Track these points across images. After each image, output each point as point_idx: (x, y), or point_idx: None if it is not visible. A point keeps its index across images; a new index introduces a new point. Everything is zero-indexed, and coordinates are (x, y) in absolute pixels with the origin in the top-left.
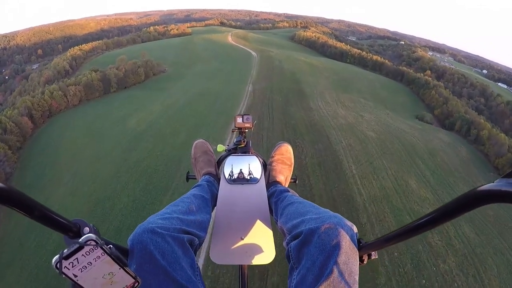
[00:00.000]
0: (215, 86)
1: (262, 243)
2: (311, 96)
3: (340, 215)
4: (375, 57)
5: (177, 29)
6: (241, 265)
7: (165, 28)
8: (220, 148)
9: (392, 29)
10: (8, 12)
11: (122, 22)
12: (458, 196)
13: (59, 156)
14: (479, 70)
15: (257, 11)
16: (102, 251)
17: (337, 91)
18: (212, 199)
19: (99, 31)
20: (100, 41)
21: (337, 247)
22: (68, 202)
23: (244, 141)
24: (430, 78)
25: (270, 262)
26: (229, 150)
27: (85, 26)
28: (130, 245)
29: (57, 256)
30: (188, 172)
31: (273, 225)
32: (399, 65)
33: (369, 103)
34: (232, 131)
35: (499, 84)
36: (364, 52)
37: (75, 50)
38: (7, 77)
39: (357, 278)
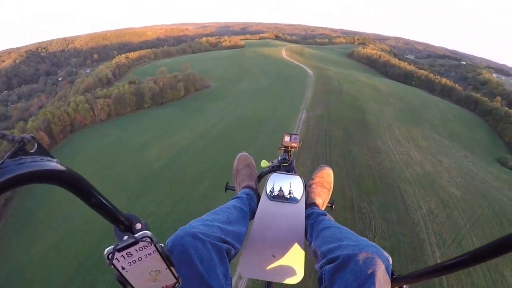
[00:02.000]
0: (262, 109)
1: (292, 263)
2: (377, 131)
3: (377, 245)
4: (443, 80)
5: (229, 41)
6: (268, 281)
7: (218, 40)
8: (264, 164)
9: (450, 47)
10: (70, 16)
11: (178, 32)
12: (497, 240)
13: (54, 192)
14: None
15: (313, 26)
16: (154, 248)
17: (406, 124)
18: (250, 213)
19: (155, 39)
20: (148, 50)
21: (372, 276)
22: (48, 260)
23: (288, 160)
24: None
25: (298, 283)
26: (272, 167)
27: (142, 34)
28: (170, 245)
29: (110, 247)
30: (228, 183)
31: (306, 247)
32: (466, 89)
33: (444, 141)
34: (278, 149)
35: None
36: (431, 74)
37: (121, 58)
38: (60, 79)
39: None
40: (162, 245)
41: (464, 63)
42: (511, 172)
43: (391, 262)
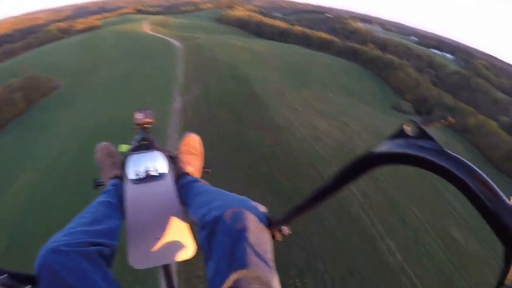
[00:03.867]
0: (124, 106)
1: (180, 239)
2: (269, 102)
3: (245, 197)
4: (320, 34)
5: (82, 23)
6: (164, 265)
7: (70, 24)
8: (123, 148)
9: (314, 3)
10: None
11: (27, 22)
12: (354, 160)
13: None
14: (410, 38)
15: None
16: None
17: (297, 87)
18: (120, 204)
19: (4, 35)
20: None
21: (244, 230)
22: None
23: (147, 138)
24: (394, 57)
25: (193, 256)
26: (132, 149)
27: None
28: (36, 270)
29: None
30: (96, 179)
31: (187, 219)
32: (334, 38)
33: (341, 99)
34: (133, 130)
35: (434, 51)
36: (307, 30)
37: None
38: None
39: (270, 256)
40: (4, 276)
41: (330, 15)
42: (408, 117)
43: (262, 210)
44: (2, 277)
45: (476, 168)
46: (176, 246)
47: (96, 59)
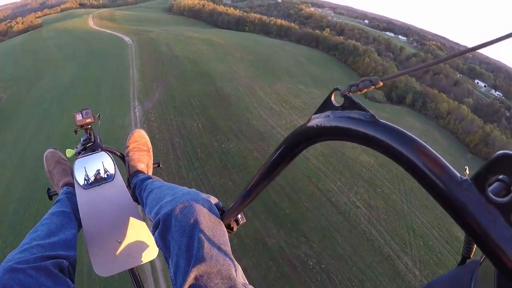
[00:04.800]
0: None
1: (141, 240)
2: (242, 103)
3: (195, 190)
4: (278, 21)
5: (22, 23)
6: (130, 269)
7: (8, 25)
8: (69, 153)
9: None
10: None
11: None
12: (285, 139)
13: None
14: (362, 21)
15: None
16: None
17: (267, 81)
18: (74, 212)
19: None
20: None
21: (196, 223)
22: None
23: (91, 139)
24: (358, 43)
25: (156, 256)
26: (78, 153)
27: None
28: None
29: None
30: (49, 189)
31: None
32: (293, 25)
33: (313, 91)
34: (75, 132)
35: (387, 33)
36: (264, 17)
37: None
38: None
39: (228, 248)
40: None
41: (280, 1)
42: (382, 106)
43: (214, 201)
44: None
45: (416, 138)
46: (139, 248)
47: (38, 64)
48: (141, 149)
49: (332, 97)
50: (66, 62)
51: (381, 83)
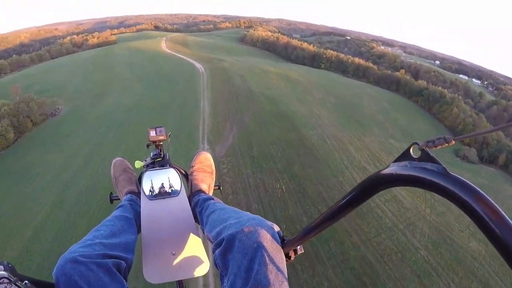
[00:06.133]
0: (134, 156)
1: (194, 255)
2: (331, 159)
3: (259, 216)
4: (356, 60)
5: (97, 38)
6: (178, 281)
7: (84, 38)
8: (138, 164)
9: (329, 24)
10: None
11: (45, 33)
12: (360, 183)
13: None
14: (433, 62)
15: (194, 14)
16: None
17: (355, 131)
18: (136, 218)
19: (18, 46)
20: None
21: (259, 248)
22: None
23: (161, 155)
24: (446, 90)
25: (206, 273)
26: (147, 166)
27: (1, 42)
28: (55, 278)
29: None
30: (111, 193)
31: (202, 236)
32: (371, 64)
33: (404, 147)
34: (147, 146)
35: (461, 76)
36: (341, 54)
37: None
38: None
39: (285, 275)
40: (27, 282)
41: (349, 38)
42: (477, 168)
43: (277, 229)
44: (23, 283)
45: (480, 190)
46: (191, 262)
47: (106, 80)
48: (205, 171)
49: (411, 150)
50: (133, 82)
51: (453, 142)
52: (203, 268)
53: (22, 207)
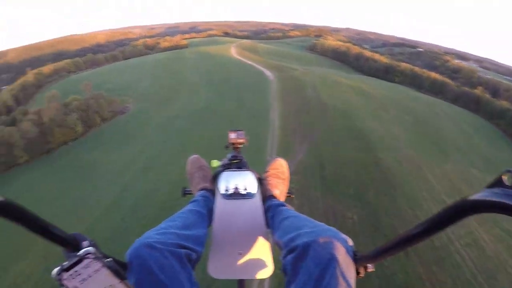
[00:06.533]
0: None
1: (260, 258)
2: (408, 187)
3: (335, 229)
4: (432, 74)
5: (169, 41)
6: (239, 279)
7: (156, 41)
8: (215, 163)
9: (398, 35)
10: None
11: (120, 35)
12: (448, 206)
13: None
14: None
15: (264, 22)
16: (101, 264)
17: (434, 156)
18: (208, 214)
19: (95, 46)
20: (67, 61)
21: (333, 260)
22: None
23: (238, 157)
24: None
25: (269, 276)
26: (223, 166)
27: (80, 41)
28: (128, 259)
29: (58, 268)
30: (185, 188)
31: (270, 240)
32: (447, 80)
33: (487, 179)
34: (226, 147)
35: None
36: (416, 68)
37: (28, 76)
38: None
39: None
40: (110, 259)
41: (421, 49)
42: None
43: (351, 244)
44: (108, 260)
45: None
46: (255, 263)
47: (175, 83)
48: (279, 177)
49: (504, 177)
50: (201, 88)
51: None
52: (267, 272)
53: (81, 203)
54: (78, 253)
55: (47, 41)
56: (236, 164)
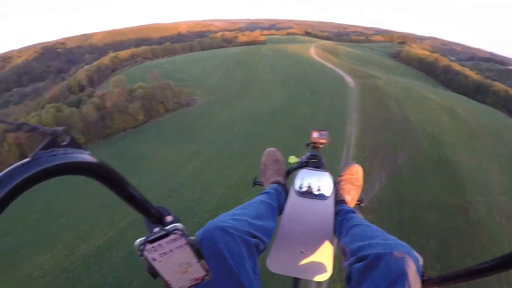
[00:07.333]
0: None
1: (320, 260)
2: (498, 246)
3: (408, 245)
4: None
5: (247, 36)
6: (295, 278)
7: (234, 35)
8: (292, 159)
9: (489, 49)
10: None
11: (201, 27)
12: None
13: None
14: None
15: (345, 24)
16: (185, 241)
17: None
18: (278, 208)
19: (176, 35)
20: (145, 47)
21: (403, 276)
22: None
23: (317, 157)
24: None
25: (325, 280)
26: (300, 163)
27: (163, 30)
28: (199, 239)
29: (142, 238)
30: (256, 178)
31: (334, 244)
32: None
33: None
34: (307, 145)
35: None
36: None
37: (105, 59)
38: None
39: None
40: (193, 238)
41: None
42: None
43: (421, 263)
44: (192, 238)
45: None
46: (315, 265)
47: (247, 79)
48: (353, 183)
49: None
50: (273, 87)
51: None
52: (324, 276)
53: (120, 200)
54: (167, 228)
55: (130, 28)
56: (314, 163)
